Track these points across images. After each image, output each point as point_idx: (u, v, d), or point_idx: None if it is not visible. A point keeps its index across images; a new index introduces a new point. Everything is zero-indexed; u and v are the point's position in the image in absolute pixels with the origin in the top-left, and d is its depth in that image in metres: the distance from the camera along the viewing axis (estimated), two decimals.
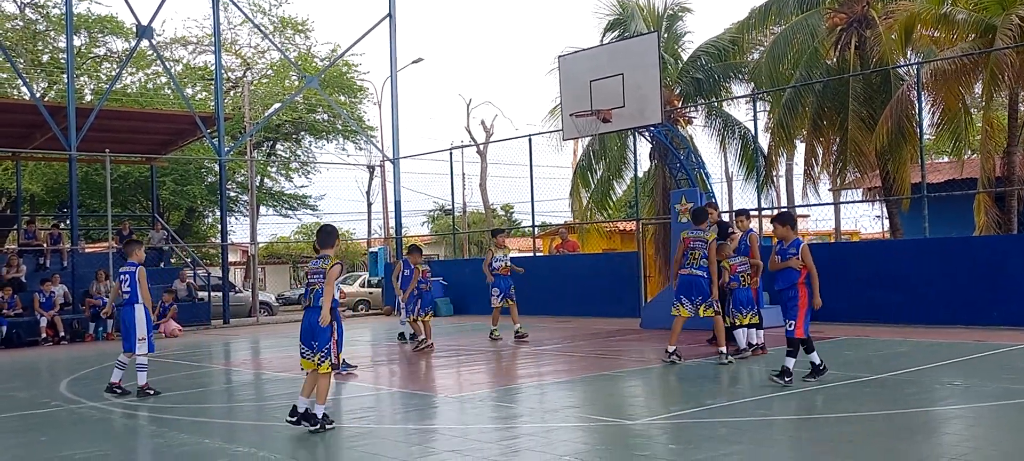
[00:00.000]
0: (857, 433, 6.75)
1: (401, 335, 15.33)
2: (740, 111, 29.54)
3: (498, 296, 14.80)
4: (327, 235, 7.82)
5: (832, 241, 30.89)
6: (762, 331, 11.45)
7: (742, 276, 11.09)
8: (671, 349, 10.82)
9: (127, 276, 9.97)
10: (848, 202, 25.35)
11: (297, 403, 7.41)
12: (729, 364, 10.50)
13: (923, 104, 17.29)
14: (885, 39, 19.08)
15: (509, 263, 15.08)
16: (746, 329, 11.19)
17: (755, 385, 9.54)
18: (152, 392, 9.91)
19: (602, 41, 22.66)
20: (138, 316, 9.89)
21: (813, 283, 9.03)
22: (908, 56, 19.75)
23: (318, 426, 7.29)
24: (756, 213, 19.97)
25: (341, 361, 11.22)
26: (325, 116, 37.76)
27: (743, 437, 6.89)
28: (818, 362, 9.04)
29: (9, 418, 8.81)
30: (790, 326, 8.97)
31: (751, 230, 11.85)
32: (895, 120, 17.56)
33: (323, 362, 7.33)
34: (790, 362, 8.87)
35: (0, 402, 8.91)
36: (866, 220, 41.73)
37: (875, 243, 24.11)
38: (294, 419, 7.36)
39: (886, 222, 24.73)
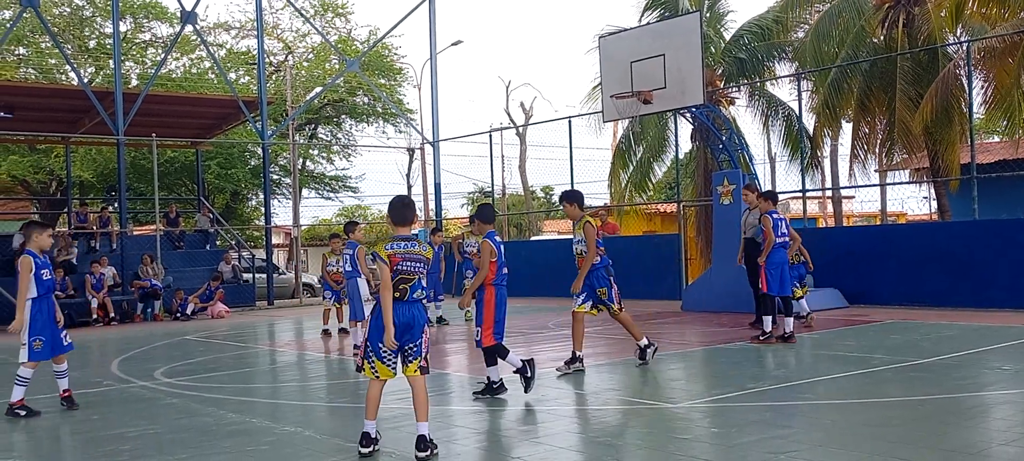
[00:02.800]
0: (903, 417, 6.66)
1: (441, 319, 15.54)
2: (784, 91, 29.16)
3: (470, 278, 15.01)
4: (409, 208, 6.24)
5: (878, 222, 30.39)
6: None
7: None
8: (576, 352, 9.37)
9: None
10: (895, 183, 24.92)
11: (367, 427, 6.03)
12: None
13: (973, 82, 16.90)
14: (934, 17, 18.66)
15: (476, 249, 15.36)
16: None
17: (798, 368, 9.45)
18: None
19: (640, 21, 22.46)
20: None
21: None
22: (958, 34, 19.29)
23: (430, 451, 5.89)
24: (801, 194, 19.70)
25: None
26: (366, 99, 37.98)
27: (787, 421, 6.84)
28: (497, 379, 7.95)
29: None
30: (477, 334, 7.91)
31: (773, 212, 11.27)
32: (940, 98, 17.19)
33: (417, 363, 6.03)
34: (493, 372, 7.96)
35: (53, 382, 9.13)
36: (913, 201, 40.99)
37: (923, 225, 23.69)
38: (370, 450, 5.99)
39: (934, 203, 24.26)
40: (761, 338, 10.89)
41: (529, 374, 7.89)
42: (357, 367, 6.14)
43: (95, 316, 19.25)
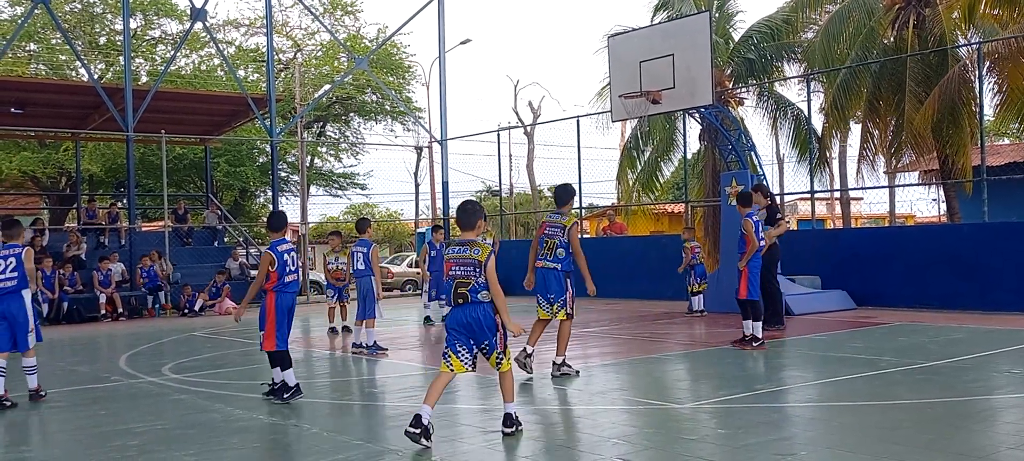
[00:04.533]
0: (912, 420, 6.63)
1: (427, 319, 15.46)
2: (793, 92, 29.07)
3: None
4: (471, 214, 6.32)
5: (887, 224, 30.29)
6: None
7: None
8: (530, 349, 9.08)
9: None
10: (904, 185, 24.85)
11: (421, 410, 6.02)
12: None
13: (985, 84, 16.84)
14: (945, 18, 18.58)
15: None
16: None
17: (806, 370, 9.43)
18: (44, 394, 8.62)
19: (651, 22, 22.44)
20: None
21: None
22: (969, 35, 19.22)
23: (515, 427, 6.27)
24: (809, 196, 19.65)
25: (374, 342, 11.35)
26: (374, 97, 38.04)
27: (794, 422, 6.83)
28: (294, 382, 8.07)
29: (72, 392, 9.08)
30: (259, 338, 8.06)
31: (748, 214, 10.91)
32: (944, 99, 17.13)
33: (503, 359, 6.30)
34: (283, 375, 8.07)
35: (63, 376, 9.19)
36: (922, 203, 40.87)
37: (931, 227, 23.61)
38: (419, 432, 5.95)
39: (943, 205, 24.17)
40: (754, 345, 10.72)
41: (286, 396, 7.95)
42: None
43: (103, 311, 19.32)
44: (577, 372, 9.07)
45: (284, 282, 8.00)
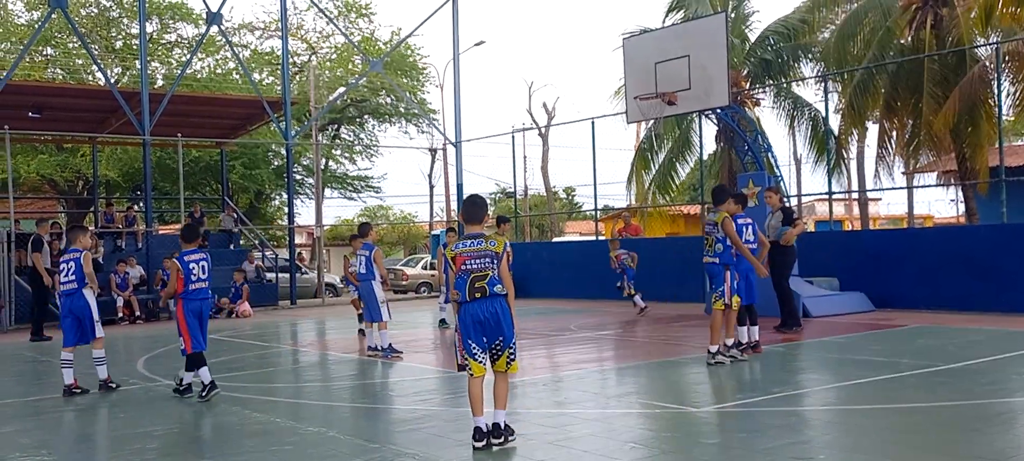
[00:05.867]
0: (930, 423, 6.58)
1: (442, 321, 15.48)
2: (810, 92, 28.96)
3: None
4: (479, 207, 6.34)
5: (905, 225, 30.08)
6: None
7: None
8: (713, 349, 9.61)
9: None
10: (922, 186, 24.68)
11: (478, 423, 6.03)
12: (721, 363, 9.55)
13: (1003, 85, 16.69)
14: (963, 19, 18.44)
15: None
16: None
17: (823, 373, 9.37)
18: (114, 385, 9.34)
19: (664, 23, 22.39)
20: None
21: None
22: (987, 35, 19.06)
23: (505, 438, 6.09)
24: (827, 196, 19.53)
25: (389, 345, 11.36)
26: (388, 99, 38.12)
27: (811, 426, 6.78)
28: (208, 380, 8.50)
29: (90, 395, 9.13)
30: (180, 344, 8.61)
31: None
32: (965, 100, 17.00)
33: (513, 360, 6.15)
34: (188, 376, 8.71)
35: (81, 379, 9.24)
36: (940, 204, 40.58)
37: (950, 228, 23.42)
38: (483, 443, 5.99)
39: (961, 206, 23.99)
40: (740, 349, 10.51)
41: (204, 393, 8.41)
42: (459, 367, 6.25)
43: (121, 315, 19.44)
44: (730, 360, 9.55)
45: (189, 290, 8.58)
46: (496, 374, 6.16)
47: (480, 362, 6.08)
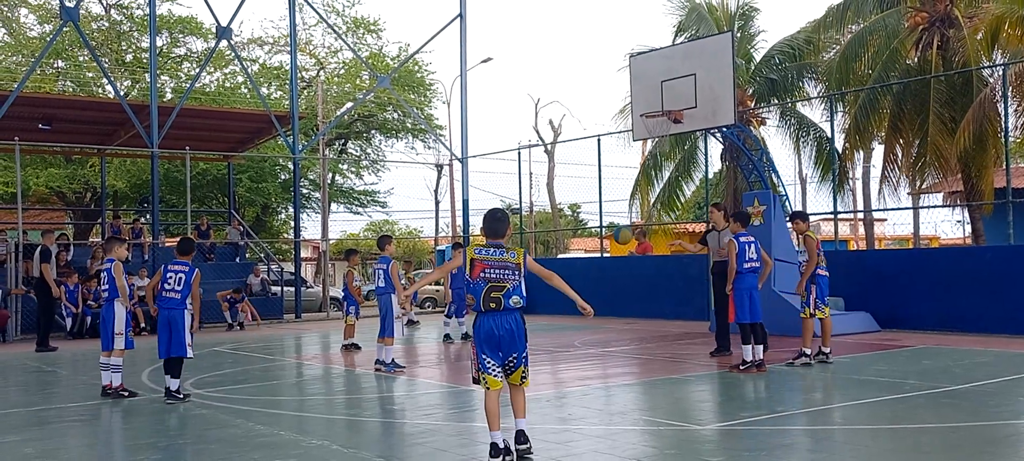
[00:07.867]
0: (935, 444, 6.55)
1: (447, 336, 15.49)
2: (815, 112, 29.00)
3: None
4: (501, 221, 6.24)
5: (911, 246, 30.01)
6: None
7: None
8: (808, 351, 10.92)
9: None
10: (928, 207, 24.64)
11: (494, 438, 5.98)
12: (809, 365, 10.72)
13: (1010, 106, 16.69)
14: (970, 40, 18.47)
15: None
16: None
17: (829, 393, 9.35)
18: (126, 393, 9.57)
19: (673, 43, 22.47)
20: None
21: None
22: (994, 57, 19.09)
23: (529, 445, 6.10)
24: (832, 216, 19.53)
25: (392, 360, 11.37)
26: (395, 115, 38.25)
27: (816, 445, 6.76)
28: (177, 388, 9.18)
29: (93, 405, 9.15)
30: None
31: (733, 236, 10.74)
32: (978, 123, 16.99)
33: (526, 377, 6.17)
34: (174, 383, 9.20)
35: (84, 389, 9.29)
36: (946, 225, 40.50)
37: (956, 249, 23.36)
38: (499, 460, 5.95)
39: (968, 227, 23.96)
40: (741, 368, 10.51)
41: (178, 396, 9.06)
42: (474, 379, 6.19)
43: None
44: (810, 363, 10.69)
45: (160, 296, 9.20)
46: (512, 387, 6.13)
47: (495, 376, 6.03)
